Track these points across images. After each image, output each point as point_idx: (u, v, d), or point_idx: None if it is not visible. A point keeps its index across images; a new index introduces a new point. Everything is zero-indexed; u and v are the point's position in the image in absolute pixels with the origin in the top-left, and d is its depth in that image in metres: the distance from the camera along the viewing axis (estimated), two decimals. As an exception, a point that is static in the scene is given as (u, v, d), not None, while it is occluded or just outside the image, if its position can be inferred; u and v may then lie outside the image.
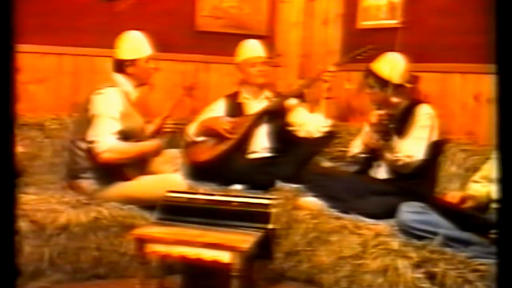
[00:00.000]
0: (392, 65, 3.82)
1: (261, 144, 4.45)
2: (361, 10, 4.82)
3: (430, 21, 4.23)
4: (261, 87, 4.56)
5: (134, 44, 3.94)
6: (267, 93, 4.58)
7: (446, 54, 4.09)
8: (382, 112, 3.71)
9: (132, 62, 3.90)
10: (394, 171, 3.84)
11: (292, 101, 4.51)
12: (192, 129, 4.51)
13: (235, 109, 4.56)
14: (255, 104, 4.53)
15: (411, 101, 3.87)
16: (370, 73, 3.88)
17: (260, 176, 4.10)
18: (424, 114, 3.82)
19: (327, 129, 4.40)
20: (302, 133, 4.43)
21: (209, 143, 4.43)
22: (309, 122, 4.42)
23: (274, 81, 4.72)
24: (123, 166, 3.76)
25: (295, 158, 4.19)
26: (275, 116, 4.48)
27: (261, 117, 4.46)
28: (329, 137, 4.45)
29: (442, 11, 4.16)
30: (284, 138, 4.45)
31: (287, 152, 4.33)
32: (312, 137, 4.39)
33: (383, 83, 3.80)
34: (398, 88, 3.79)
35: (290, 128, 4.47)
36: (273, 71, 4.70)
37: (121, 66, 3.90)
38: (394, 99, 3.76)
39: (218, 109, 4.60)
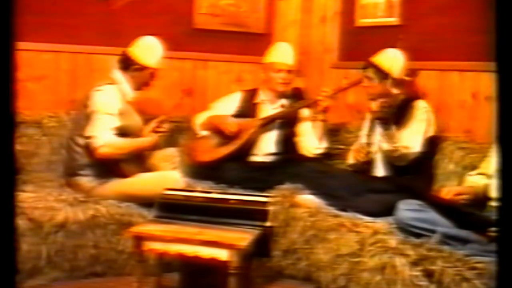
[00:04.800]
0: (392, 59, 3.88)
1: (266, 149, 4.39)
2: (359, 7, 4.82)
3: (428, 19, 4.23)
4: (280, 94, 4.45)
5: (152, 51, 3.93)
6: (284, 101, 4.46)
7: (444, 52, 4.10)
8: (382, 100, 3.74)
9: (143, 67, 3.90)
10: (390, 165, 3.86)
11: (305, 112, 4.39)
12: (199, 121, 4.49)
13: (249, 108, 4.48)
14: (269, 109, 4.45)
15: (409, 95, 3.88)
16: (370, 65, 3.90)
17: (257, 183, 3.95)
18: (421, 108, 3.87)
19: (320, 151, 4.29)
20: (301, 147, 4.36)
21: (212, 142, 4.41)
22: (306, 140, 4.33)
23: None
24: (121, 162, 3.76)
25: (293, 171, 4.07)
26: (286, 123, 4.40)
27: (269, 123, 4.38)
28: (324, 157, 4.34)
29: (440, 9, 4.16)
30: (290, 148, 4.38)
31: (288, 163, 4.23)
32: (307, 156, 4.31)
33: (383, 75, 3.84)
34: (397, 82, 3.80)
35: (296, 139, 4.38)
36: (296, 80, 4.57)
37: (128, 65, 3.89)
38: (393, 90, 3.77)
39: (232, 103, 4.55)
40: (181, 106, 4.19)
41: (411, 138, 3.80)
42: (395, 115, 3.82)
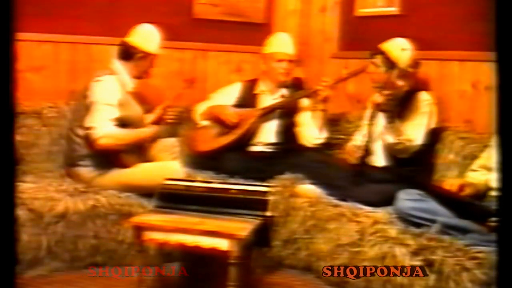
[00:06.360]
0: (401, 49, 3.86)
1: (266, 139, 4.38)
2: (359, -3, 4.81)
3: (427, 8, 4.21)
4: (280, 84, 4.45)
5: (152, 37, 3.94)
6: (284, 91, 4.46)
7: (444, 42, 4.08)
8: (387, 92, 3.73)
9: (146, 54, 3.90)
10: (391, 156, 3.85)
11: (305, 102, 4.37)
12: (200, 111, 4.50)
13: (249, 99, 4.48)
14: (269, 99, 4.44)
15: (412, 86, 3.86)
16: (379, 53, 3.89)
17: (257, 173, 3.94)
18: (424, 101, 3.84)
19: (320, 141, 4.29)
20: (301, 137, 4.35)
21: (212, 132, 4.41)
22: (306, 130, 4.32)
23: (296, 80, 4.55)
24: (121, 152, 3.77)
25: (293, 161, 4.06)
26: (286, 113, 4.39)
27: (269, 113, 4.37)
28: (324, 147, 4.32)
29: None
30: (290, 138, 4.37)
31: (289, 153, 4.22)
32: (307, 146, 4.30)
33: (390, 64, 3.82)
34: (403, 73, 3.78)
35: (296, 129, 4.37)
36: (296, 70, 4.56)
37: (130, 54, 3.89)
38: (399, 82, 3.75)
39: (232, 94, 4.55)
40: (182, 96, 4.17)
41: (414, 131, 3.78)
42: (398, 107, 3.81)
